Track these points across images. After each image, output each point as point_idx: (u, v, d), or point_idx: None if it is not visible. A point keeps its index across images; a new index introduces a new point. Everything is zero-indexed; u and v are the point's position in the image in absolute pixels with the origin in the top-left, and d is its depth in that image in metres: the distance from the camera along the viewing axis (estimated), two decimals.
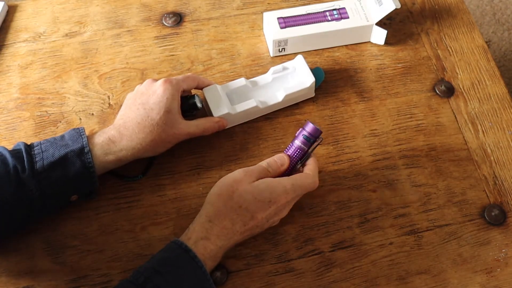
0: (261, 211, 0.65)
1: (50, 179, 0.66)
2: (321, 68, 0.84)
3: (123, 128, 0.70)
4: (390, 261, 0.70)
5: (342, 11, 0.87)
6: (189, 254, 0.62)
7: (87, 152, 0.67)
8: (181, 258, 0.62)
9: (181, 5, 0.93)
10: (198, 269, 0.61)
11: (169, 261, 0.62)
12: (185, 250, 0.62)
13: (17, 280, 0.67)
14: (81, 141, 0.68)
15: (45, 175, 0.65)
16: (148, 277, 0.60)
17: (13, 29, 0.90)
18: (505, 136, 0.81)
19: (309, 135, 0.69)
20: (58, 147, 0.67)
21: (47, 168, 0.66)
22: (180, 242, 0.63)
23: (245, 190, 0.65)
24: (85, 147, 0.67)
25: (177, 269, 0.61)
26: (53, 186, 0.66)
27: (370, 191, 0.75)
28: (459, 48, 0.89)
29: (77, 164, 0.67)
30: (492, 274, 0.70)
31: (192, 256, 0.62)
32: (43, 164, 0.66)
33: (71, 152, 0.67)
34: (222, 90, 0.78)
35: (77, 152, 0.67)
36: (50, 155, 0.67)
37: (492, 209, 0.74)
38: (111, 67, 0.85)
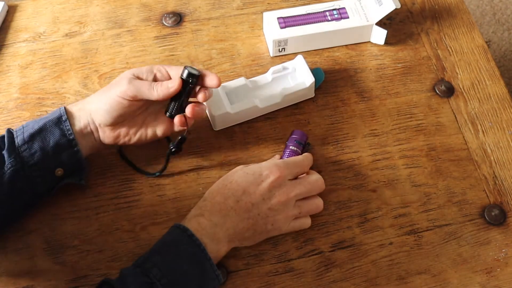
0: (252, 184, 0.66)
1: (30, 150, 0.66)
2: (321, 69, 0.84)
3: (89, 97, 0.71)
4: (390, 261, 0.70)
5: (342, 11, 0.87)
6: (186, 233, 0.63)
7: (64, 120, 0.68)
8: (179, 238, 0.63)
9: (181, 5, 0.93)
10: (196, 247, 0.62)
11: (168, 242, 0.64)
12: (183, 230, 0.64)
13: (17, 280, 0.67)
14: (58, 111, 0.69)
15: (25, 148, 0.66)
16: (147, 258, 0.62)
17: (13, 29, 0.90)
18: (505, 136, 0.81)
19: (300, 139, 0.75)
20: (37, 120, 0.68)
21: (27, 141, 0.67)
22: (179, 224, 0.65)
23: (235, 169, 0.69)
24: (63, 115, 0.68)
25: (175, 248, 0.63)
26: (34, 157, 0.66)
27: (370, 191, 0.75)
28: (459, 48, 0.89)
29: (56, 133, 0.67)
30: (492, 274, 0.70)
31: (189, 235, 0.63)
32: (23, 137, 0.67)
33: (49, 122, 0.68)
34: (221, 89, 0.78)
35: (54, 121, 0.68)
36: (30, 127, 0.68)
37: (492, 209, 0.74)
38: (111, 67, 0.85)
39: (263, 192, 0.66)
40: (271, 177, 0.67)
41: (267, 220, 0.67)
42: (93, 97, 0.70)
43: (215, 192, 0.68)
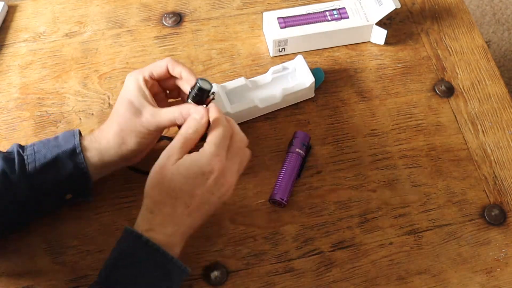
0: (198, 186, 0.62)
1: (42, 180, 0.65)
2: (321, 69, 0.84)
3: (102, 126, 0.69)
4: (390, 261, 0.70)
5: (342, 11, 0.87)
6: (141, 239, 0.60)
7: (79, 152, 0.66)
8: (136, 247, 0.60)
9: (181, 5, 0.93)
10: (155, 252, 0.60)
11: (125, 253, 0.60)
12: (137, 237, 0.60)
13: (17, 280, 0.67)
14: (73, 141, 0.67)
15: (36, 177, 0.65)
16: (109, 274, 0.59)
17: (13, 29, 0.90)
18: (505, 136, 0.81)
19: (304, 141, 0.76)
20: (50, 147, 0.67)
21: (39, 170, 0.65)
22: (131, 230, 0.61)
23: (172, 173, 0.61)
24: (77, 147, 0.66)
25: (133, 259, 0.60)
26: (45, 187, 0.66)
27: (370, 191, 0.75)
28: (459, 48, 0.89)
29: (69, 165, 0.66)
30: (492, 274, 0.70)
31: (144, 241, 0.60)
32: (35, 165, 0.65)
33: (62, 153, 0.66)
34: (221, 89, 0.78)
35: (68, 153, 0.66)
36: (42, 156, 0.66)
37: (492, 209, 0.74)
38: (111, 67, 0.85)
39: (210, 189, 0.62)
40: (215, 173, 0.62)
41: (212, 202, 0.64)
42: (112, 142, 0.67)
43: (159, 203, 0.62)
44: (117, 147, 0.67)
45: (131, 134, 0.67)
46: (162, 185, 0.62)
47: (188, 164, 0.62)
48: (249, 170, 0.76)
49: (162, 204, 0.62)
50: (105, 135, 0.68)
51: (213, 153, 0.61)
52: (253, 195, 0.74)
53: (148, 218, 0.62)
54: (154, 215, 0.62)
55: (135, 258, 0.60)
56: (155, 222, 0.62)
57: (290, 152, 0.75)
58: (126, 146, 0.68)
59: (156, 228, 0.61)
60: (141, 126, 0.66)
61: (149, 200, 0.63)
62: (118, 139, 0.67)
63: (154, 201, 0.62)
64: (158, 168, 0.62)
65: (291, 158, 0.74)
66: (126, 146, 0.68)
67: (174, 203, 0.62)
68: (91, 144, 0.68)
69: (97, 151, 0.67)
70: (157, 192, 0.62)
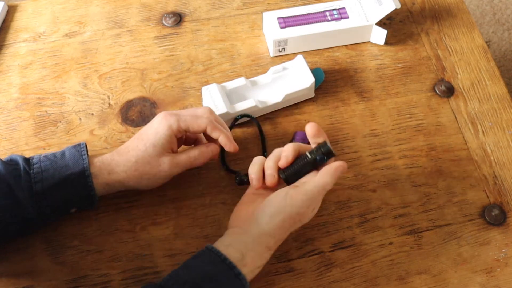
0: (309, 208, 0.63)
1: (49, 201, 0.65)
2: (321, 69, 0.84)
3: (116, 154, 0.69)
4: (390, 261, 0.70)
5: (342, 11, 0.87)
6: (233, 271, 0.60)
7: (87, 175, 0.66)
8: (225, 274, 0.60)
9: (181, 5, 0.93)
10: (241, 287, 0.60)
11: (211, 276, 0.60)
12: (229, 267, 0.60)
13: (17, 280, 0.67)
14: (81, 163, 0.66)
15: (43, 197, 0.65)
16: None
17: (13, 29, 0.90)
18: (505, 136, 0.81)
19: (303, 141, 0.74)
20: (58, 168, 0.66)
21: (46, 190, 0.65)
22: (224, 257, 0.60)
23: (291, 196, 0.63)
24: (86, 170, 0.66)
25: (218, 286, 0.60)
26: (52, 206, 0.66)
27: (370, 191, 0.75)
28: (459, 48, 0.89)
29: (78, 188, 0.66)
30: (492, 274, 0.70)
31: (236, 273, 0.60)
32: (42, 185, 0.65)
33: (71, 175, 0.66)
34: (221, 89, 0.78)
35: (77, 175, 0.66)
36: (50, 176, 0.65)
37: (492, 209, 0.74)
38: (111, 67, 0.85)
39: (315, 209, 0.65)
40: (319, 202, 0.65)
41: None
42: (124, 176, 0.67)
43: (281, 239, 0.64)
44: (126, 181, 0.68)
45: (145, 175, 0.68)
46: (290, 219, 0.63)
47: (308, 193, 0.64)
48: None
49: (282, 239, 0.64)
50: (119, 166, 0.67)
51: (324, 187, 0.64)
52: None
53: (265, 257, 0.64)
54: (272, 251, 0.64)
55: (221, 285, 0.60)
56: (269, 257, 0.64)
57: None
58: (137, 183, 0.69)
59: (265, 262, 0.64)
60: (157, 170, 0.68)
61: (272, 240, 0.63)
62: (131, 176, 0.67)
63: (278, 240, 0.64)
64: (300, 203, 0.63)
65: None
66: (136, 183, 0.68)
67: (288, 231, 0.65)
68: (101, 171, 0.67)
69: (105, 180, 0.67)
70: (283, 231, 0.64)
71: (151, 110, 0.81)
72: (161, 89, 0.83)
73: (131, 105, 0.82)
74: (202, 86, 0.80)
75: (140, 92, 0.83)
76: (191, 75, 0.85)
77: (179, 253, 0.70)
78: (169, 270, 0.68)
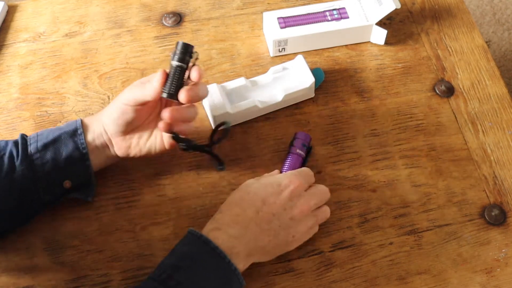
0: (272, 195, 0.65)
1: (43, 159, 0.67)
2: (321, 69, 0.84)
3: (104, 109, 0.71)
4: (390, 261, 0.70)
5: (342, 11, 0.87)
6: (209, 245, 0.61)
7: (80, 133, 0.68)
8: (201, 251, 0.61)
9: (181, 5, 0.93)
10: (221, 261, 0.60)
11: (189, 255, 0.61)
12: (204, 242, 0.61)
13: (17, 280, 0.67)
14: (75, 123, 0.69)
15: (37, 156, 0.67)
16: (170, 274, 0.59)
17: (13, 29, 0.90)
18: (505, 136, 0.81)
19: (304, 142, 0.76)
20: (53, 130, 0.69)
21: (40, 149, 0.67)
22: (199, 234, 0.62)
23: (249, 182, 0.68)
24: (78, 128, 0.68)
25: (198, 263, 0.60)
26: (45, 167, 0.67)
27: (370, 191, 0.75)
28: (459, 48, 0.89)
29: (70, 145, 0.67)
30: (492, 274, 0.70)
31: (213, 247, 0.60)
32: (37, 146, 0.67)
33: (64, 134, 0.68)
34: (221, 89, 0.78)
35: (69, 133, 0.68)
36: (44, 137, 0.68)
37: (492, 209, 0.74)
38: (111, 67, 0.85)
39: (284, 202, 0.65)
40: (291, 186, 0.66)
41: (288, 231, 0.65)
42: (106, 108, 0.70)
43: (232, 204, 0.65)
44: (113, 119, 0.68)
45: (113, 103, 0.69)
46: (240, 190, 0.67)
47: (269, 178, 0.68)
48: (249, 170, 0.76)
49: (234, 204, 0.65)
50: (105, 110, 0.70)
51: (294, 173, 0.68)
52: None
53: (216, 218, 0.65)
54: (223, 214, 0.65)
55: (201, 263, 0.60)
56: (222, 221, 0.64)
57: (290, 153, 0.75)
58: (107, 112, 0.69)
59: (222, 226, 0.63)
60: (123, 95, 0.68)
61: (223, 205, 0.66)
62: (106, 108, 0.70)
63: (226, 203, 0.66)
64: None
65: (291, 159, 0.74)
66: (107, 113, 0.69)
67: (245, 205, 0.65)
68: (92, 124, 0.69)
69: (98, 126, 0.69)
70: (231, 197, 0.66)
71: None
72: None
73: None
74: None
75: None
76: None
77: None
78: None
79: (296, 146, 0.75)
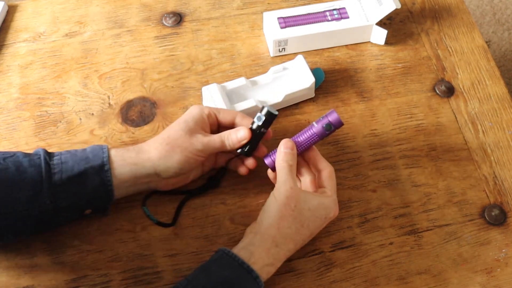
0: (318, 228, 0.67)
1: (67, 193, 0.64)
2: (321, 69, 0.84)
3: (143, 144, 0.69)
4: (390, 261, 0.70)
5: (342, 11, 0.87)
6: (251, 274, 0.61)
7: (107, 169, 0.66)
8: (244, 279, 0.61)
9: (181, 5, 0.93)
10: None
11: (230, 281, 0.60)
12: (247, 271, 0.61)
13: (17, 280, 0.67)
14: (101, 156, 0.66)
15: (62, 189, 0.64)
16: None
17: (13, 29, 0.90)
18: (505, 136, 0.81)
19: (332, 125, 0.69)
20: (78, 160, 0.66)
21: (65, 182, 0.64)
22: (242, 261, 0.61)
23: (303, 208, 0.64)
24: (106, 164, 0.66)
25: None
26: (68, 200, 0.65)
27: (370, 191, 0.75)
28: (459, 48, 0.89)
29: (96, 181, 0.65)
30: (492, 274, 0.70)
31: (254, 277, 0.61)
32: (61, 177, 0.64)
33: (90, 169, 0.65)
34: (221, 89, 0.78)
35: (96, 169, 0.65)
36: (70, 168, 0.65)
37: (492, 209, 0.74)
38: (111, 67, 0.85)
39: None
40: (332, 218, 0.68)
41: None
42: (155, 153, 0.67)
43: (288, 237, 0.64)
44: (156, 159, 0.67)
45: (177, 149, 0.67)
46: (293, 218, 0.64)
47: (316, 204, 0.65)
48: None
49: (289, 240, 0.64)
50: (149, 145, 0.68)
51: (335, 200, 0.68)
52: (253, 195, 0.74)
53: (273, 253, 0.63)
54: (279, 249, 0.64)
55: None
56: (279, 258, 0.64)
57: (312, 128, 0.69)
58: (167, 160, 0.67)
59: (276, 263, 0.64)
60: (190, 143, 0.67)
61: (277, 232, 0.63)
62: (162, 150, 0.67)
63: (283, 234, 0.64)
64: (285, 198, 0.64)
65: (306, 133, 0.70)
66: (167, 160, 0.67)
67: (297, 241, 0.65)
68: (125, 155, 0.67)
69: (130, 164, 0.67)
70: (287, 225, 0.64)
71: (151, 110, 0.81)
72: (161, 89, 0.83)
73: (131, 105, 0.82)
74: (202, 86, 0.80)
75: (140, 92, 0.83)
76: (191, 75, 0.85)
77: (179, 253, 0.70)
78: (169, 270, 0.68)
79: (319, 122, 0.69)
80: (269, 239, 0.63)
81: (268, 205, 0.65)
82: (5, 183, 0.63)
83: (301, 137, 0.69)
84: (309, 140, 0.69)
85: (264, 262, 0.63)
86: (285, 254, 0.65)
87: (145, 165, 0.67)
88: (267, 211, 0.64)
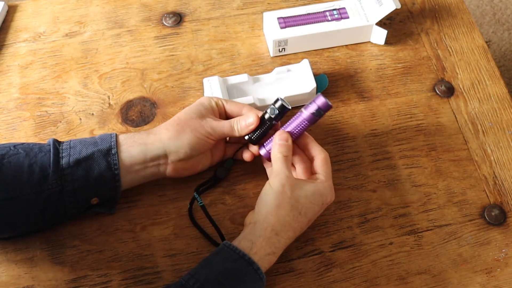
0: (316, 214, 0.67)
1: (73, 175, 0.65)
2: (326, 76, 0.83)
3: (153, 128, 0.70)
4: (390, 261, 0.70)
5: (342, 11, 0.87)
6: (252, 266, 0.62)
7: (114, 153, 0.66)
8: (245, 271, 0.61)
9: (181, 5, 0.93)
10: (259, 281, 0.62)
11: (232, 273, 0.61)
12: (248, 263, 0.62)
13: (17, 280, 0.67)
14: (109, 140, 0.67)
15: (68, 171, 0.65)
16: None
17: (13, 29, 0.90)
18: (505, 136, 0.81)
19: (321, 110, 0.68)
20: (86, 144, 0.67)
21: (72, 165, 0.65)
22: (243, 253, 0.62)
23: (299, 195, 0.65)
24: (113, 148, 0.67)
25: (240, 283, 0.61)
26: (75, 184, 0.65)
27: (370, 191, 0.75)
28: (459, 48, 0.89)
29: (102, 165, 0.66)
30: (492, 274, 0.70)
31: (255, 269, 0.62)
32: (69, 160, 0.65)
33: (97, 152, 0.66)
34: (223, 82, 0.79)
35: (103, 152, 0.66)
36: (77, 152, 0.66)
37: (492, 209, 0.74)
38: (111, 67, 0.85)
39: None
40: (329, 203, 0.69)
41: None
42: (165, 132, 0.68)
43: (286, 225, 0.64)
44: (166, 138, 0.68)
45: (187, 129, 0.68)
46: (291, 206, 0.64)
47: (312, 191, 0.66)
48: (249, 170, 0.76)
49: (288, 227, 0.65)
50: (160, 127, 0.69)
51: (331, 186, 0.68)
52: (253, 195, 0.74)
53: (273, 241, 0.64)
54: (280, 237, 0.64)
55: (242, 283, 0.61)
56: (279, 246, 0.65)
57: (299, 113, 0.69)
58: (178, 140, 0.68)
59: (277, 251, 0.65)
60: (200, 125, 0.68)
61: (276, 220, 0.64)
62: (173, 130, 0.68)
63: (282, 222, 0.64)
64: (280, 187, 0.64)
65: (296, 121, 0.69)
66: (177, 140, 0.68)
67: (296, 228, 0.66)
68: (134, 138, 0.68)
69: (141, 144, 0.68)
70: (285, 213, 0.64)
71: (151, 110, 0.81)
72: (161, 89, 0.83)
73: (131, 105, 0.82)
74: (202, 86, 0.80)
75: (140, 92, 0.83)
76: (191, 75, 0.85)
77: (179, 253, 0.70)
78: (169, 270, 0.68)
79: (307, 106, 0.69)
80: (269, 228, 0.64)
81: (265, 193, 0.65)
82: (15, 167, 0.64)
83: (291, 125, 0.69)
84: (300, 127, 0.69)
85: (265, 252, 0.63)
86: (285, 242, 0.65)
87: (155, 145, 0.68)
88: (264, 199, 0.65)
